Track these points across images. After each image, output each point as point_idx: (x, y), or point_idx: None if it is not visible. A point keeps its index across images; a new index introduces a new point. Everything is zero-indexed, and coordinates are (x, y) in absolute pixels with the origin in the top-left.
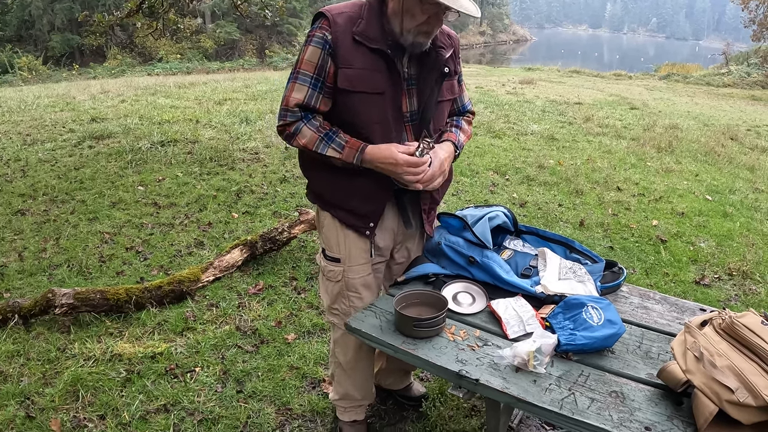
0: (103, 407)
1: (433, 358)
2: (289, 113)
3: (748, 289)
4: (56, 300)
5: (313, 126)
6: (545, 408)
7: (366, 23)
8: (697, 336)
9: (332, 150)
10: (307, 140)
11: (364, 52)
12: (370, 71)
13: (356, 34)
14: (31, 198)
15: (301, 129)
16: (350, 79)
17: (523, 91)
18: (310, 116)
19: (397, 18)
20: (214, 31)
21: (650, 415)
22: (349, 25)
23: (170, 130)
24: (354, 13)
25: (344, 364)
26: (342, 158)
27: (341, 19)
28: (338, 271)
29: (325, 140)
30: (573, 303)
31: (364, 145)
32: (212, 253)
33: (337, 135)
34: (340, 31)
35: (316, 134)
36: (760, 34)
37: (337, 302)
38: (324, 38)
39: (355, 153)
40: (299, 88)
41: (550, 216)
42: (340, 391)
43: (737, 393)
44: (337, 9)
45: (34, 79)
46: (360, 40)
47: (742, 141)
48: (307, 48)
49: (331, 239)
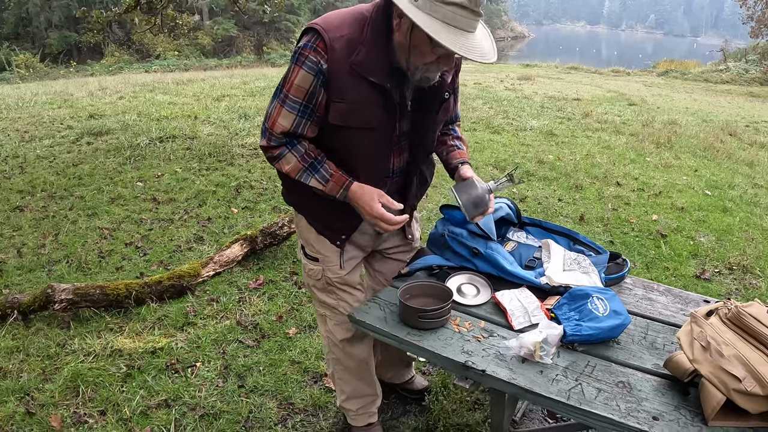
0: (104, 403)
1: (438, 349)
2: (273, 137)
3: (749, 284)
4: (56, 295)
5: (298, 153)
6: (553, 398)
7: (367, 52)
8: (703, 326)
9: (315, 181)
10: (291, 168)
11: (361, 84)
12: (363, 105)
13: (354, 65)
14: (29, 194)
15: (285, 155)
16: (342, 114)
17: (521, 87)
18: (295, 141)
19: (403, 52)
20: (212, 28)
21: (657, 405)
22: (348, 52)
23: (169, 127)
24: (354, 37)
25: (342, 357)
26: (325, 191)
27: (339, 45)
28: (318, 270)
29: (310, 170)
30: (578, 294)
31: (349, 182)
32: (212, 248)
33: (322, 166)
34: (336, 59)
35: (300, 163)
36: (759, 31)
37: (323, 296)
38: (318, 66)
39: (340, 189)
40: (286, 114)
41: (550, 211)
42: (347, 389)
43: (744, 382)
44: (335, 28)
45: (32, 76)
46: (359, 71)
47: (740, 137)
48: (298, 70)
49: (308, 240)
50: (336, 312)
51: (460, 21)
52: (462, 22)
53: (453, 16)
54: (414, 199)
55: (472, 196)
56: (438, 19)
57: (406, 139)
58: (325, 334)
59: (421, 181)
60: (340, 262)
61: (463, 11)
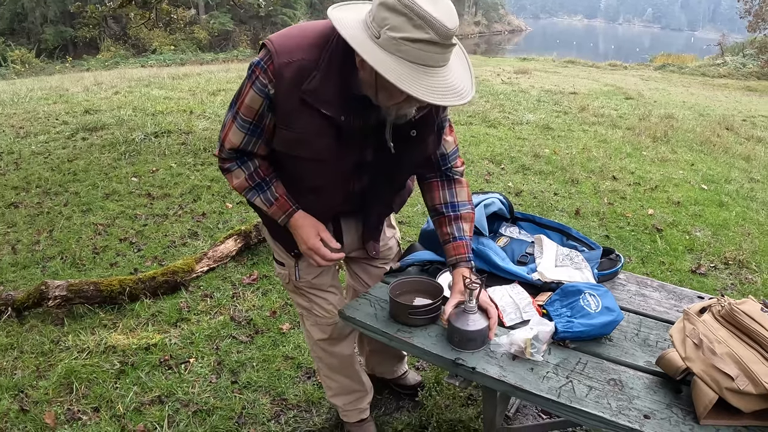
0: (98, 399)
1: (429, 346)
2: (224, 150)
3: (744, 278)
4: (50, 292)
5: (246, 170)
6: (543, 396)
7: (321, 80)
8: (696, 323)
9: (260, 201)
10: (238, 183)
11: (312, 114)
12: (313, 136)
13: (305, 93)
14: (24, 190)
15: (234, 170)
16: (287, 143)
17: (518, 81)
18: (245, 158)
19: (371, 90)
20: (208, 22)
21: (649, 403)
22: (298, 79)
23: (164, 121)
24: (308, 63)
25: (324, 356)
26: (268, 212)
27: (289, 71)
28: (285, 273)
29: (256, 190)
30: (570, 290)
31: (292, 210)
32: (206, 243)
33: (269, 187)
34: (283, 86)
35: (247, 182)
36: (756, 25)
37: (296, 298)
38: (266, 89)
39: (282, 215)
40: (236, 131)
41: (545, 205)
42: (334, 386)
43: (737, 380)
44: (288, 52)
45: (27, 71)
46: (308, 100)
47: (737, 131)
48: (249, 88)
49: (273, 246)
50: (311, 313)
51: (430, 58)
52: (432, 58)
53: (420, 54)
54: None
55: (465, 334)
56: (404, 59)
57: (367, 169)
58: (305, 333)
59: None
60: (296, 272)
61: (433, 47)
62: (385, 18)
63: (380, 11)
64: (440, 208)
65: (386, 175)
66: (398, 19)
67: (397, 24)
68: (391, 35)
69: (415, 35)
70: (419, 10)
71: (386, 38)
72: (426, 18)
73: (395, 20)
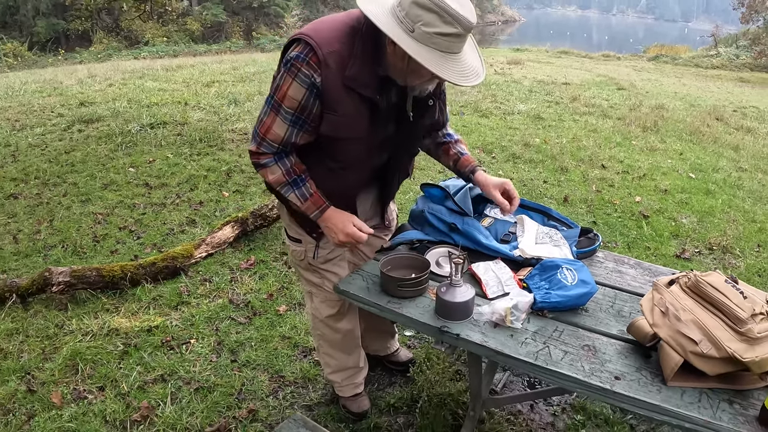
0: (102, 379)
1: (416, 315)
2: (265, 144)
3: (728, 263)
4: (53, 278)
5: (284, 166)
6: (521, 359)
7: (360, 67)
8: (663, 293)
9: (295, 197)
10: (274, 179)
11: (353, 97)
12: (354, 118)
13: (347, 80)
14: (23, 182)
15: (271, 166)
16: (333, 126)
17: (510, 71)
18: (283, 154)
19: (400, 73)
20: (201, 14)
21: (620, 366)
22: (341, 67)
23: (159, 113)
24: (345, 51)
25: (328, 333)
26: (300, 208)
27: (332, 60)
28: (300, 250)
29: (292, 186)
30: (549, 265)
31: (326, 206)
32: (204, 230)
33: (304, 184)
34: (331, 75)
35: (284, 177)
36: (749, 17)
37: (308, 275)
38: (311, 79)
39: (315, 210)
40: (280, 124)
41: (534, 192)
42: (333, 363)
43: (701, 345)
44: (327, 43)
45: (20, 65)
46: (350, 85)
47: (727, 121)
48: (291, 82)
49: (290, 223)
50: (321, 289)
51: (454, 47)
52: (456, 47)
53: (448, 44)
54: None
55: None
56: (435, 49)
57: (390, 142)
58: (311, 311)
59: (402, 176)
60: (315, 252)
61: (458, 38)
62: (418, 15)
63: (413, 9)
64: (442, 139)
65: (407, 144)
66: (430, 16)
67: (429, 20)
68: (425, 30)
69: (446, 30)
70: (449, 9)
71: (420, 32)
72: (455, 15)
73: (428, 17)
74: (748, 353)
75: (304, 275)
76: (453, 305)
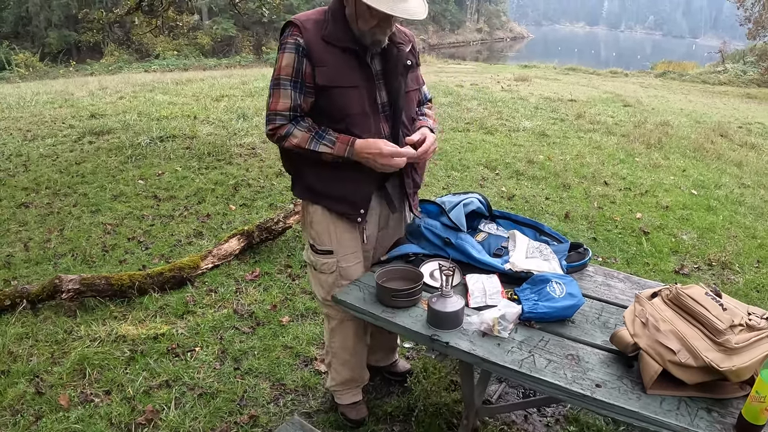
0: (109, 383)
1: (409, 324)
2: (278, 117)
3: (727, 279)
4: (63, 285)
5: (303, 127)
6: (507, 367)
7: (332, 26)
8: (644, 304)
9: (324, 146)
10: (299, 140)
11: (335, 51)
12: (343, 68)
13: (325, 37)
14: (34, 191)
15: (293, 131)
16: (327, 76)
17: (517, 88)
18: (299, 118)
19: (353, 21)
20: (211, 28)
21: (602, 375)
22: (318, 29)
23: (169, 126)
24: (320, 18)
25: (343, 352)
26: (333, 152)
27: (309, 24)
28: (332, 262)
29: (317, 138)
30: (539, 279)
31: (353, 139)
32: (211, 242)
33: (327, 132)
34: (311, 34)
35: (307, 133)
36: (756, 33)
37: (332, 293)
38: (297, 43)
39: (346, 147)
40: (283, 93)
41: (536, 209)
42: (339, 379)
43: (679, 354)
44: (305, 16)
45: (32, 75)
46: (329, 41)
47: (732, 138)
48: (283, 55)
49: (322, 233)
50: None
51: None
52: None
53: None
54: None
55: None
56: None
57: (388, 109)
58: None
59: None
60: (363, 236)
61: None
62: None
63: None
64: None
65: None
66: None
67: None
68: None
69: None
70: None
71: None
72: None
73: None
74: (726, 363)
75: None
76: (443, 315)
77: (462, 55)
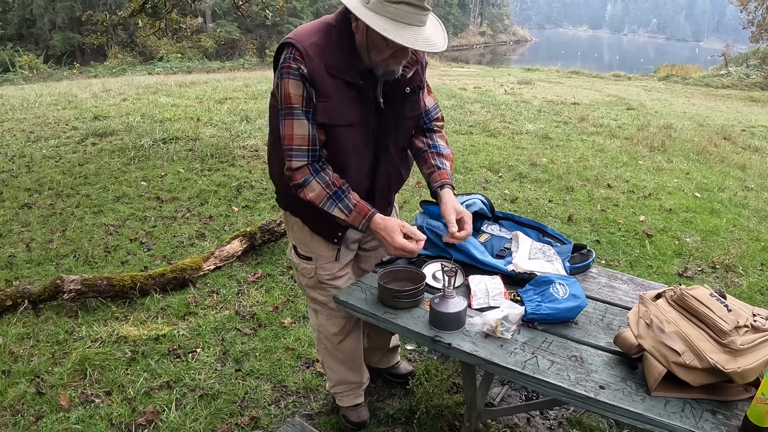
0: (110, 384)
1: (411, 325)
2: (295, 152)
3: (730, 281)
4: (65, 286)
5: (322, 181)
6: (509, 368)
7: (338, 56)
8: (648, 306)
9: (339, 210)
10: (315, 195)
11: (339, 84)
12: (344, 104)
13: (328, 67)
14: (36, 192)
15: (310, 182)
16: (328, 112)
17: (520, 91)
18: (319, 168)
19: (365, 51)
20: (215, 31)
21: (606, 377)
22: (320, 56)
23: (172, 128)
24: (322, 42)
25: (332, 349)
26: (348, 221)
27: (312, 51)
28: (311, 268)
29: (334, 199)
30: (543, 280)
31: (372, 213)
32: (213, 244)
33: (346, 195)
34: (314, 64)
35: (324, 191)
36: (759, 36)
37: (314, 293)
38: (300, 71)
39: (362, 220)
40: (297, 123)
41: (539, 211)
42: (335, 378)
43: (684, 356)
44: (306, 38)
45: (36, 77)
46: (334, 73)
47: (735, 141)
48: (287, 82)
49: (302, 240)
50: (326, 307)
51: (408, 17)
52: (410, 18)
53: (401, 13)
54: (386, 190)
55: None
56: (388, 17)
57: (374, 135)
58: (316, 327)
59: (396, 178)
60: (337, 255)
61: (410, 8)
62: None
63: None
64: (424, 148)
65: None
66: None
67: None
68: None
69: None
70: None
71: (374, 2)
72: None
73: None
74: (731, 364)
75: (311, 293)
76: (445, 316)
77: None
